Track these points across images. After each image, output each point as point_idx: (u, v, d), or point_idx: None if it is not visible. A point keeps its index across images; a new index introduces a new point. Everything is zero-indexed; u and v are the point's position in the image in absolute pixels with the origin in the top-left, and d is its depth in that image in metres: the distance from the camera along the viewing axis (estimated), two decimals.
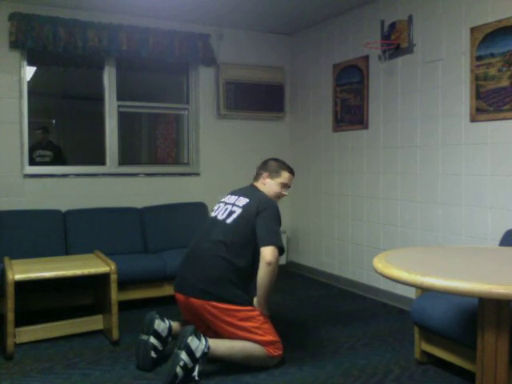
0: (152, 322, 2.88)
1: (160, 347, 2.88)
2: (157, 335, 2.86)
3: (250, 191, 3.08)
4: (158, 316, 2.92)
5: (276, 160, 3.22)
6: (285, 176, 3.13)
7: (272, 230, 2.86)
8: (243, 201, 2.98)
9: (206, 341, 2.68)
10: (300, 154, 5.34)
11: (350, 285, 4.63)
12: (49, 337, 3.23)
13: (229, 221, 2.92)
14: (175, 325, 3.01)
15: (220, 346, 2.75)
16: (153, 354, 2.84)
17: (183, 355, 2.58)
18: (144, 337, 2.85)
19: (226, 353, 2.76)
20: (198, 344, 2.63)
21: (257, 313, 2.82)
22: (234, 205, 2.99)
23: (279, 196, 3.14)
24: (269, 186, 3.12)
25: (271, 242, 2.80)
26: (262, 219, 2.87)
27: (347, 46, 4.60)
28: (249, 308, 2.81)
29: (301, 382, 2.71)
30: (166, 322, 2.95)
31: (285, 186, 3.14)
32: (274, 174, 3.13)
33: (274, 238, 2.83)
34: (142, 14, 4.62)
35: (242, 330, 2.78)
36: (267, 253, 2.77)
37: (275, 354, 2.83)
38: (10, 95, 4.30)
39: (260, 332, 2.79)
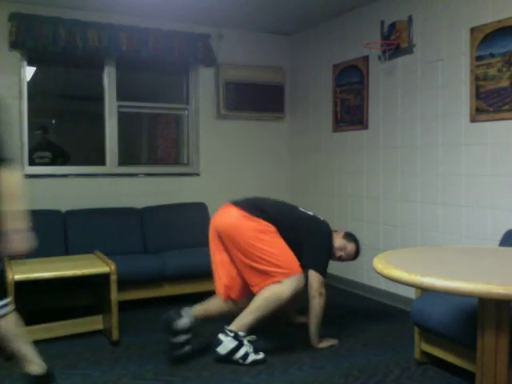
0: (170, 326, 2.91)
1: (188, 337, 2.96)
2: (181, 332, 2.93)
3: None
4: (174, 317, 2.93)
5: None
6: (349, 247, 3.34)
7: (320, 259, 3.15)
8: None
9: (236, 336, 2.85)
10: (300, 155, 5.34)
11: (350, 285, 4.63)
12: (49, 337, 3.23)
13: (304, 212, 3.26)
14: (197, 311, 3.04)
15: (250, 316, 2.88)
16: (187, 348, 2.94)
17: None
18: (172, 339, 2.92)
19: (255, 318, 2.88)
20: (227, 341, 2.84)
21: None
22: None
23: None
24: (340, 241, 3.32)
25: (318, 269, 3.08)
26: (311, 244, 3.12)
27: (347, 46, 4.60)
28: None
29: (301, 382, 2.71)
30: (184, 317, 2.95)
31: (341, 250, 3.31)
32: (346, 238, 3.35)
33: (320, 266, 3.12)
34: (142, 15, 4.62)
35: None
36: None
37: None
38: (10, 95, 4.30)
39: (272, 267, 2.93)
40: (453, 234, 3.64)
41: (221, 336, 2.89)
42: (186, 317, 2.96)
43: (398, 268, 1.94)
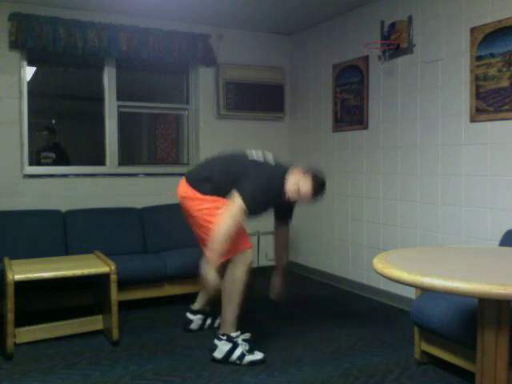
0: (189, 330, 3.43)
1: (208, 320, 3.50)
2: (201, 325, 3.47)
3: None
4: (187, 326, 3.43)
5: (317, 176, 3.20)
6: (301, 182, 3.04)
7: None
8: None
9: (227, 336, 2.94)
10: (300, 154, 5.34)
11: (350, 285, 4.63)
12: (49, 337, 3.23)
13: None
14: (199, 304, 3.45)
15: (227, 313, 2.94)
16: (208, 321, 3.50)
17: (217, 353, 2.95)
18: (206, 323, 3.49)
19: (232, 306, 2.93)
20: (221, 345, 2.92)
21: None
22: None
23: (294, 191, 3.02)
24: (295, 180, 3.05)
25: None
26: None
27: (347, 46, 4.60)
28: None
29: (301, 382, 2.71)
30: (193, 317, 3.43)
31: (294, 185, 3.01)
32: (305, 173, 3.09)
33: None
34: (142, 15, 4.62)
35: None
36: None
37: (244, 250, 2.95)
38: (10, 95, 4.30)
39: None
40: (453, 234, 3.64)
41: (215, 341, 2.94)
42: (195, 316, 3.43)
43: (398, 268, 1.94)
